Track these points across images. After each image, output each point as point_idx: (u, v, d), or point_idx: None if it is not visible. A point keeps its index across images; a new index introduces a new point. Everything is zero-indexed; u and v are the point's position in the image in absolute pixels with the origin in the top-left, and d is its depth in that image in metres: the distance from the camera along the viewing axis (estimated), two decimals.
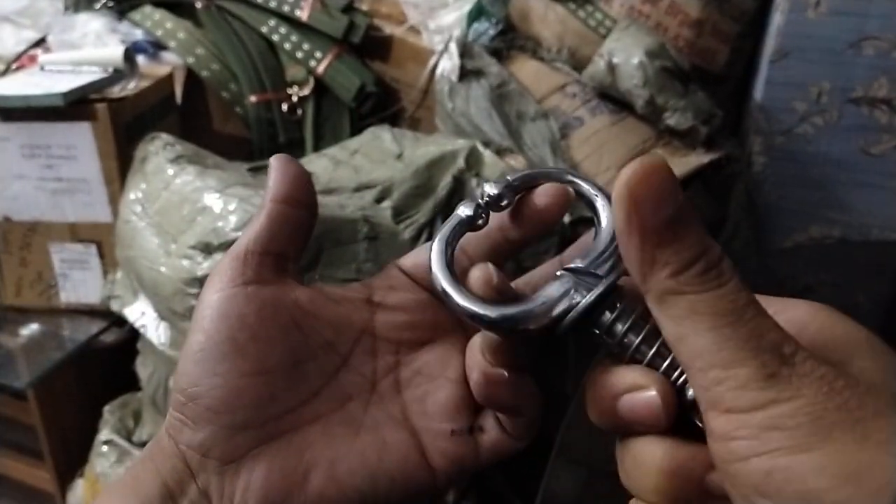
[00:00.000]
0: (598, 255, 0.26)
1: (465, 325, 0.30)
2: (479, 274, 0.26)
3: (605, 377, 0.25)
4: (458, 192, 0.80)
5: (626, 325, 0.24)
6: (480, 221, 0.29)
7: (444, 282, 0.27)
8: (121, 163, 0.89)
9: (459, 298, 0.26)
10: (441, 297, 0.27)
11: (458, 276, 0.27)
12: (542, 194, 0.29)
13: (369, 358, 0.30)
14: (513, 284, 0.29)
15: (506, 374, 0.27)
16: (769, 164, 1.00)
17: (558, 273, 0.26)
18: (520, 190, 0.29)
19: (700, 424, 0.22)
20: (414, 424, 0.29)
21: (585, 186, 0.29)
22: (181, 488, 0.27)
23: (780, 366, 0.20)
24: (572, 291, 0.25)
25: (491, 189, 0.29)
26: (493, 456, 0.29)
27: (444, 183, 0.79)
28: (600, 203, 0.28)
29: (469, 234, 0.29)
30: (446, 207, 0.78)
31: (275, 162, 0.30)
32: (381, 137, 0.92)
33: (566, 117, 0.94)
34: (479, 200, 0.29)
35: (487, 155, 0.83)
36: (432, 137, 0.92)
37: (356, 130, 1.01)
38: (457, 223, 0.29)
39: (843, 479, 0.18)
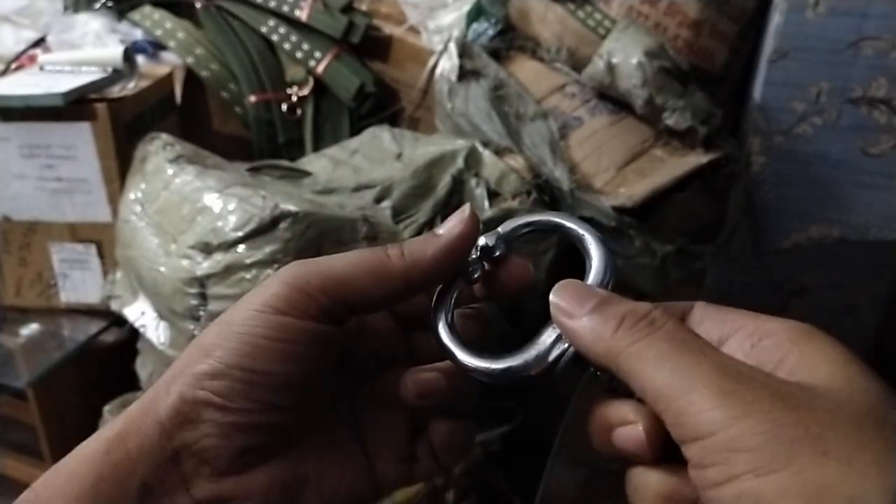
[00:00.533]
0: None
1: (413, 354, 0.32)
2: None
3: (601, 410, 0.26)
4: (457, 192, 0.80)
5: None
6: (476, 275, 0.30)
7: (447, 340, 0.29)
8: (120, 163, 0.89)
9: (462, 356, 0.28)
10: (444, 354, 0.29)
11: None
12: (506, 270, 0.30)
13: (335, 380, 0.31)
14: None
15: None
16: (768, 164, 1.00)
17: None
18: (511, 239, 0.30)
19: None
20: (368, 448, 0.30)
21: (573, 228, 0.30)
22: (163, 487, 0.26)
23: (729, 382, 0.21)
24: (564, 336, 0.27)
25: (481, 241, 0.30)
26: (423, 480, 0.31)
27: (444, 183, 0.79)
28: (588, 240, 0.29)
29: None
30: (445, 207, 0.78)
31: (449, 238, 0.28)
32: (380, 137, 0.92)
33: (565, 117, 0.94)
34: (473, 255, 0.30)
35: (487, 155, 0.84)
36: (432, 137, 0.92)
37: (356, 130, 1.01)
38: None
39: (807, 498, 0.19)
